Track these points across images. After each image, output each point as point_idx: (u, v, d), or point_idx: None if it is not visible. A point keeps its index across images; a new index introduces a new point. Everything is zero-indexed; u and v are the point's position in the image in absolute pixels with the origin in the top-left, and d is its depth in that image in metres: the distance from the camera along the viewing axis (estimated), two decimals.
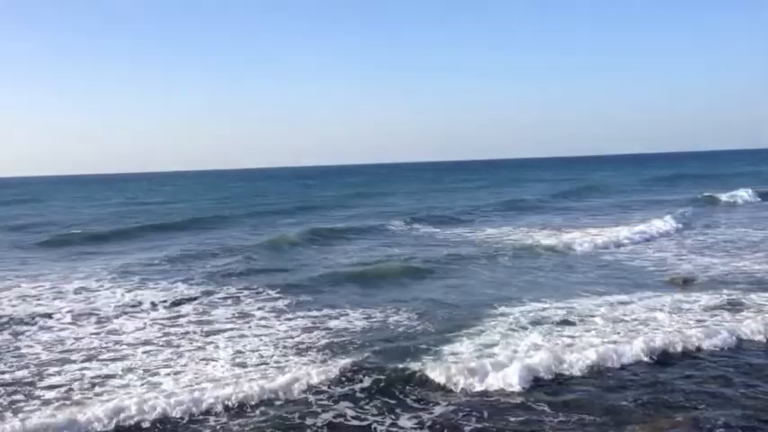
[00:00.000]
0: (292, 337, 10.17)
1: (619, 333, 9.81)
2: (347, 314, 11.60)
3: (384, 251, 19.50)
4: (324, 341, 9.95)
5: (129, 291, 13.93)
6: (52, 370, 8.79)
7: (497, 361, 8.35)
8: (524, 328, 10.16)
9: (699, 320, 10.40)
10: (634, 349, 8.87)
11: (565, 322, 10.55)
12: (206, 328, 10.83)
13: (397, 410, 7.29)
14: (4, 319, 11.58)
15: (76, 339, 10.34)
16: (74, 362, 9.16)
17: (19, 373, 8.69)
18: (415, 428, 6.85)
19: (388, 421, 7.03)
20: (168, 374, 8.48)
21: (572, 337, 9.71)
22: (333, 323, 11.04)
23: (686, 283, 13.36)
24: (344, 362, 8.55)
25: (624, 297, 12.14)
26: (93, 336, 10.55)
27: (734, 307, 11.11)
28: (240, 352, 9.42)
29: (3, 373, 8.74)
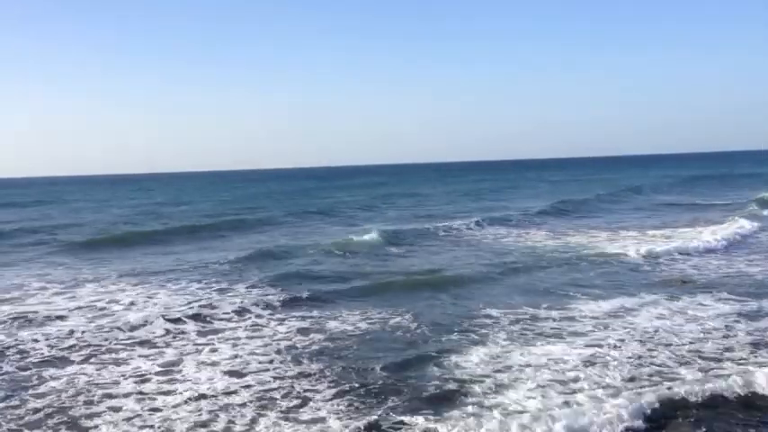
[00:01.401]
0: (292, 343, 9.77)
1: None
2: (399, 324, 10.61)
3: (447, 256, 18.09)
4: (334, 351, 9.43)
5: (146, 292, 13.57)
6: (49, 372, 8.63)
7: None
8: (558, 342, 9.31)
9: None
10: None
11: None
12: (217, 333, 10.37)
13: None
14: (21, 319, 11.48)
15: (83, 338, 10.14)
16: (72, 362, 9.03)
17: (22, 374, 8.62)
18: None
19: None
20: (162, 382, 8.14)
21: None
22: (358, 332, 10.40)
23: None
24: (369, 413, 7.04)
25: None
26: (102, 336, 10.25)
27: None
28: (237, 356, 9.06)
29: (4, 372, 8.67)
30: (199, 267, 16.66)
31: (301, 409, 7.12)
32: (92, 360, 9.10)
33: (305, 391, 7.65)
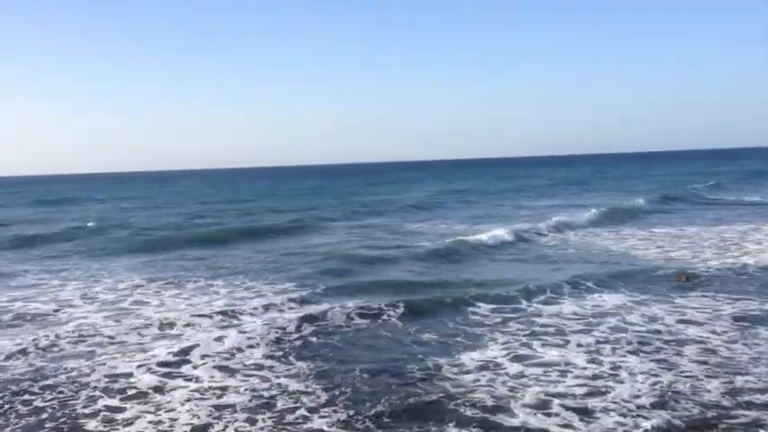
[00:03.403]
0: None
1: None
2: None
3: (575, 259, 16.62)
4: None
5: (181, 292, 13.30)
6: (70, 364, 8.62)
7: None
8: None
9: None
10: None
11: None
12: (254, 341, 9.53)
13: None
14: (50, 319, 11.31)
15: (108, 335, 10.07)
16: (94, 354, 9.06)
17: (42, 364, 8.70)
18: None
19: None
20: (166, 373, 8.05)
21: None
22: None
23: None
24: None
25: None
26: (138, 335, 10.10)
27: None
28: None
29: (32, 359, 8.90)
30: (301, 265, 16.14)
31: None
32: (117, 356, 9.00)
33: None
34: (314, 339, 9.56)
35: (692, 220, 24.21)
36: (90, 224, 27.99)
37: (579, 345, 8.90)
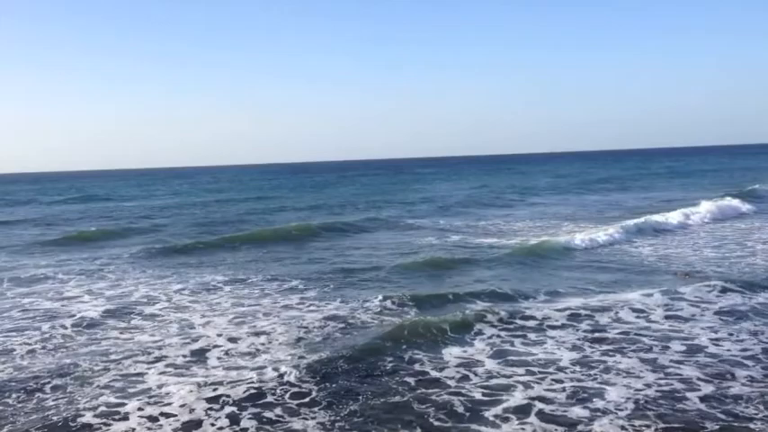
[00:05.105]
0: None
1: None
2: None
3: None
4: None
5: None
6: (79, 361, 8.46)
7: None
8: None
9: None
10: None
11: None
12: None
13: None
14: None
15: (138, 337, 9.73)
16: (103, 353, 8.86)
17: (64, 360, 8.60)
18: None
19: None
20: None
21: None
22: None
23: None
24: None
25: None
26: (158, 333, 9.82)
27: None
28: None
29: (48, 362, 8.55)
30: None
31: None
32: (132, 357, 8.78)
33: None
34: (326, 341, 9.12)
35: None
36: (140, 223, 25.88)
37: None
